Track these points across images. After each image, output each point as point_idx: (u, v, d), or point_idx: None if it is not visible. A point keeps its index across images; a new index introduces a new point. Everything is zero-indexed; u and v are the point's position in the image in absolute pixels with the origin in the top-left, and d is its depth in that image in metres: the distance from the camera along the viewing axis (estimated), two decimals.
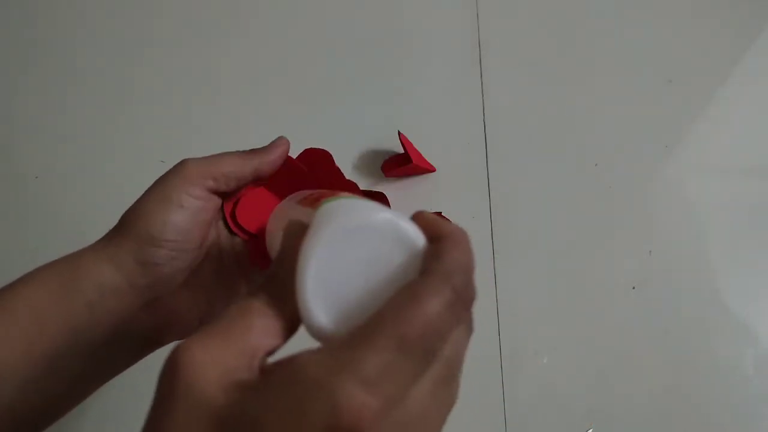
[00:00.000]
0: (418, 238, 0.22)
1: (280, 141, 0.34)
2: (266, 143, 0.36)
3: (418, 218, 0.23)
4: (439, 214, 0.28)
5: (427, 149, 0.60)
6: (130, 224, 0.29)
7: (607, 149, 0.62)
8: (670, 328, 0.53)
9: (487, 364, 0.54)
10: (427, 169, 0.60)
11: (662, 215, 0.59)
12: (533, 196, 0.60)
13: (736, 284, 0.57)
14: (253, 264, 0.36)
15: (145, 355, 0.33)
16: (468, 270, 0.21)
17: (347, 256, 0.21)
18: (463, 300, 0.20)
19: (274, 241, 0.30)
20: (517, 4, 0.69)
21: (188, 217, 0.30)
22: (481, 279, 0.60)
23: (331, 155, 0.37)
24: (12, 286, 0.29)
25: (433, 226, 0.22)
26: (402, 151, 0.59)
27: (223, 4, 0.70)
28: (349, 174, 0.60)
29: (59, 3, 0.70)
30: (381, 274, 0.21)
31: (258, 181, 0.34)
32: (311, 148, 0.37)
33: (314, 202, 0.26)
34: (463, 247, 0.22)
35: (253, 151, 0.33)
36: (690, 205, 0.60)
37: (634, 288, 0.56)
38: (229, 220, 0.35)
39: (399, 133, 0.59)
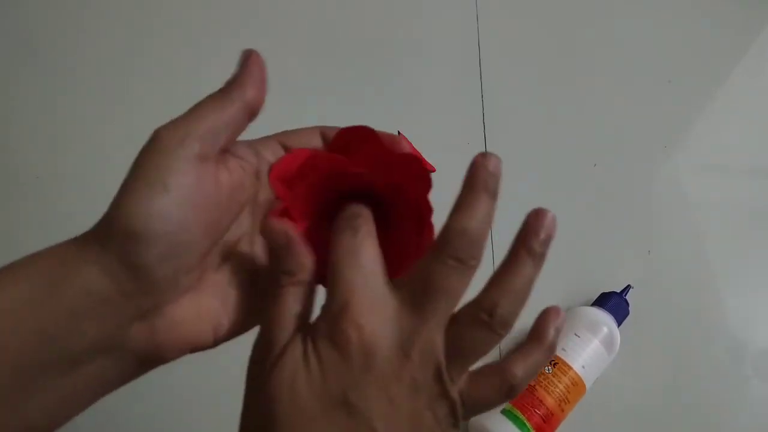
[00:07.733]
0: None
1: (245, 53, 0.25)
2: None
3: None
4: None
5: (427, 149, 0.60)
6: (112, 219, 0.23)
7: (607, 149, 0.62)
8: (669, 328, 0.54)
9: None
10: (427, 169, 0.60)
11: (661, 215, 0.59)
12: (532, 197, 0.60)
13: (735, 284, 0.57)
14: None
15: (144, 372, 0.26)
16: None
17: None
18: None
19: None
20: (517, 4, 0.69)
21: (178, 201, 0.23)
22: (481, 279, 0.60)
23: (371, 130, 0.29)
24: None
25: None
26: None
27: (223, 5, 0.70)
28: None
29: (59, 3, 0.70)
30: None
31: (254, 115, 0.26)
32: (346, 129, 0.30)
33: None
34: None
35: (227, 85, 0.25)
36: (689, 205, 0.60)
37: (633, 288, 0.56)
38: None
39: (399, 133, 0.59)
